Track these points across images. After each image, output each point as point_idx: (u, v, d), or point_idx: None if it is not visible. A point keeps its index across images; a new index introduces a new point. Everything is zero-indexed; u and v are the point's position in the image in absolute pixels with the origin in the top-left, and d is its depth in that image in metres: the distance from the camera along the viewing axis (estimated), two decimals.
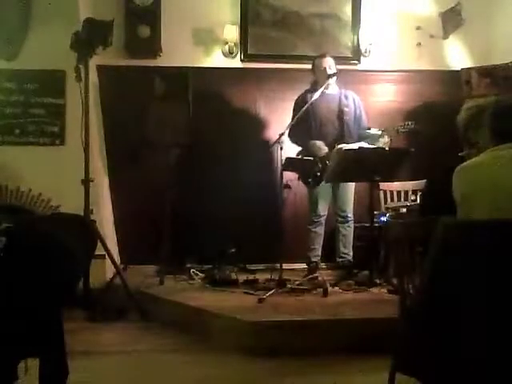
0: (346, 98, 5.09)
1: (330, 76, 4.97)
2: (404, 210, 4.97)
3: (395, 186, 5.40)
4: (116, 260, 4.79)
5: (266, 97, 5.83)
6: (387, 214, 4.98)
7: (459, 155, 2.96)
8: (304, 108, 4.83)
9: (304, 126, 4.96)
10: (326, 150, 4.88)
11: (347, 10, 5.85)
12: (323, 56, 5.10)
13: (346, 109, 5.03)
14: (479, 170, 2.62)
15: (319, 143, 4.91)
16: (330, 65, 5.04)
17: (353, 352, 3.60)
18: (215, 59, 5.79)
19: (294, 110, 5.10)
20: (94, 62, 4.97)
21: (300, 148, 5.06)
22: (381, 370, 2.79)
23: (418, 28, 5.87)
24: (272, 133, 5.45)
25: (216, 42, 5.77)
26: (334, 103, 5.05)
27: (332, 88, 5.07)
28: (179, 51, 5.71)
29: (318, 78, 5.06)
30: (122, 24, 5.47)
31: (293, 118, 4.97)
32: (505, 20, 5.76)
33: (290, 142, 4.97)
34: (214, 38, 5.75)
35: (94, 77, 5.32)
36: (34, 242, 2.45)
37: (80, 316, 4.33)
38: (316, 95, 4.88)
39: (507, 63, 5.42)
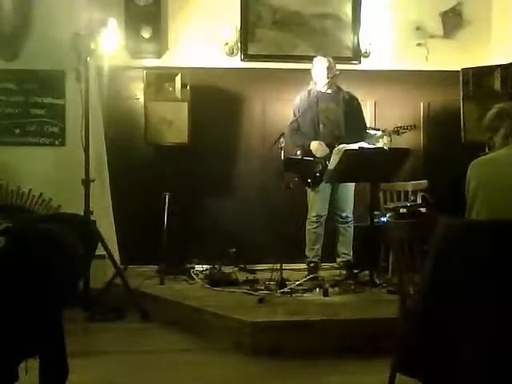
0: (346, 98, 5.09)
1: (328, 77, 4.97)
2: (404, 210, 4.97)
3: (395, 186, 5.40)
4: (116, 260, 4.78)
5: (266, 97, 5.83)
6: (387, 214, 4.97)
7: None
8: (302, 109, 4.83)
9: (303, 126, 4.98)
10: (327, 150, 4.87)
11: (347, 10, 5.84)
12: (322, 56, 5.09)
13: (345, 109, 5.03)
14: (486, 167, 2.63)
15: (320, 143, 4.91)
16: (328, 66, 5.02)
17: (353, 352, 3.61)
18: (215, 59, 5.78)
19: (293, 110, 5.11)
20: (93, 62, 4.97)
21: (300, 148, 5.06)
22: (381, 370, 2.80)
23: (418, 28, 5.87)
24: (272, 133, 5.44)
25: (216, 42, 5.76)
26: (334, 103, 5.05)
27: (332, 88, 5.06)
28: (179, 51, 5.71)
29: (317, 79, 5.06)
30: (123, 24, 5.46)
31: (293, 119, 4.99)
32: (505, 20, 5.76)
33: (289, 143, 4.95)
34: (214, 38, 5.75)
35: (93, 77, 5.31)
36: (34, 242, 2.45)
37: (80, 316, 4.33)
38: (315, 96, 4.88)
39: (507, 63, 5.41)
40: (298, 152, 5.04)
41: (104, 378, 3.41)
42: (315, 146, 4.91)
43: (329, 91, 5.04)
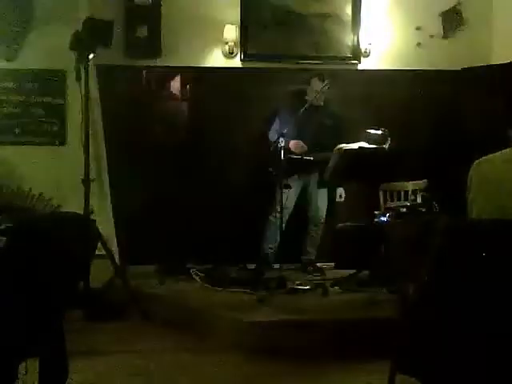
0: (327, 110, 5.22)
1: (317, 102, 5.11)
2: (404, 209, 4.97)
3: (395, 185, 5.40)
4: (116, 260, 4.78)
5: (266, 97, 5.82)
6: (387, 214, 4.97)
7: None
8: (285, 114, 5.11)
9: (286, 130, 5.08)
10: (305, 147, 5.06)
11: (347, 9, 5.83)
12: (320, 79, 5.14)
13: (323, 123, 5.15)
14: (488, 167, 2.62)
15: (297, 142, 5.08)
16: (323, 90, 5.11)
17: (353, 352, 3.61)
18: (215, 59, 5.78)
19: (277, 115, 5.32)
20: (94, 62, 4.97)
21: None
22: (381, 371, 2.80)
23: (418, 28, 5.86)
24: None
25: (216, 42, 5.76)
26: (316, 115, 5.14)
27: (318, 99, 5.15)
28: (179, 51, 5.71)
29: (309, 96, 5.15)
30: (122, 24, 5.46)
31: (276, 121, 5.26)
32: (505, 20, 5.76)
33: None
34: (214, 38, 5.75)
35: (93, 77, 5.31)
36: (35, 241, 2.45)
37: (80, 316, 4.33)
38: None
39: (507, 63, 5.41)
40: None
41: (104, 378, 3.41)
42: (293, 144, 5.06)
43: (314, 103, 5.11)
